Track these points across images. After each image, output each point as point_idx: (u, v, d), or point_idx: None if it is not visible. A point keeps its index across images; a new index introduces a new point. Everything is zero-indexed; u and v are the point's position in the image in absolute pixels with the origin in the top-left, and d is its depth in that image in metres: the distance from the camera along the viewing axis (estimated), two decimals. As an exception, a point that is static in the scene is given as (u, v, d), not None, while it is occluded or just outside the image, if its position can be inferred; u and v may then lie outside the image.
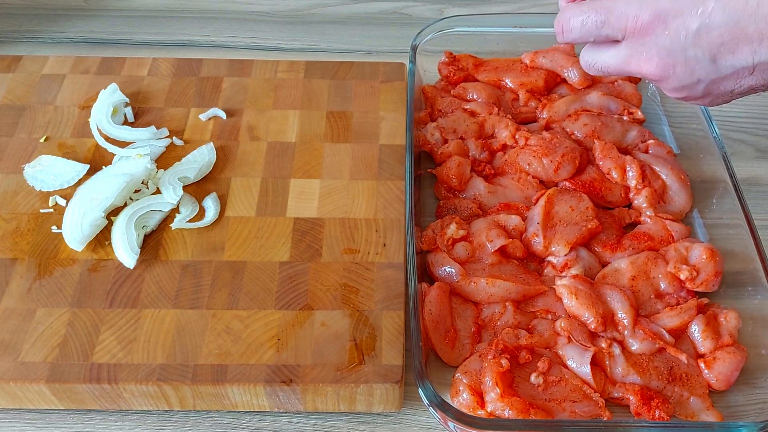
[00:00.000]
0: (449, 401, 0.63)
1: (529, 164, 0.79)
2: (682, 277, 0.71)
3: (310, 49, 1.03)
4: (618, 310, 0.69)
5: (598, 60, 0.59)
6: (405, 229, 0.73)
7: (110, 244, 0.72)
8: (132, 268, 0.70)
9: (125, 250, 0.70)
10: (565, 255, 0.72)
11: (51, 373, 0.63)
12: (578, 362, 0.65)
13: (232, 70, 0.90)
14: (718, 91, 0.55)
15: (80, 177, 0.77)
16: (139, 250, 0.71)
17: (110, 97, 0.83)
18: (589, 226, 0.74)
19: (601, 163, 0.80)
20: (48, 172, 0.77)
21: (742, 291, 0.71)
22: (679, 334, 0.69)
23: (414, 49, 0.87)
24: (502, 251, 0.73)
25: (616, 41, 0.56)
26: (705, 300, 0.70)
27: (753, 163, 0.88)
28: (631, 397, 0.64)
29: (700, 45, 0.51)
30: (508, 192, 0.78)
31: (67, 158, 0.79)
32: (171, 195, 0.74)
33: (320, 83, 0.89)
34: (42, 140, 0.81)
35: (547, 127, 0.84)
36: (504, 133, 0.82)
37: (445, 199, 0.79)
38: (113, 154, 0.80)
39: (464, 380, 0.64)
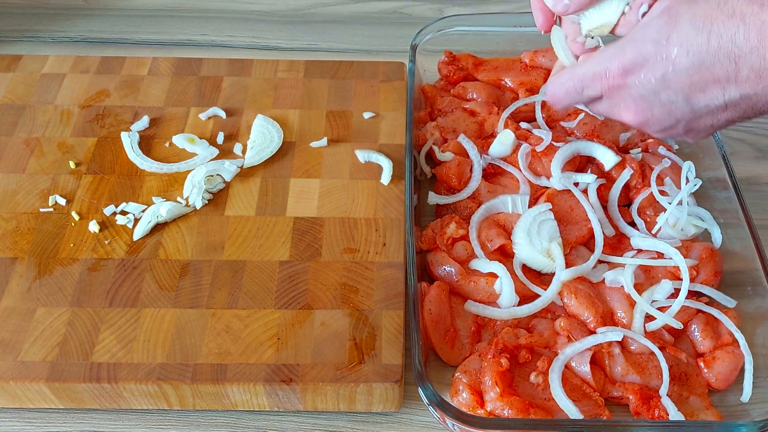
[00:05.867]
0: (449, 400, 0.63)
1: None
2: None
3: (310, 48, 1.03)
4: (617, 309, 0.69)
5: (588, 110, 0.63)
6: (405, 229, 0.73)
7: (110, 243, 0.72)
8: (199, 207, 0.75)
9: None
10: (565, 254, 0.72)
11: (51, 373, 0.63)
12: (578, 361, 0.65)
13: (232, 70, 0.90)
14: (699, 128, 0.57)
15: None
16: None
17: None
18: (589, 226, 0.75)
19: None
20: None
21: (741, 291, 0.71)
22: (679, 334, 0.69)
23: (414, 48, 0.87)
24: (501, 250, 0.73)
25: (599, 97, 0.60)
26: (705, 299, 0.70)
27: (752, 162, 0.88)
28: (631, 397, 0.64)
29: (671, 87, 0.54)
30: (508, 192, 0.78)
31: (66, 158, 0.79)
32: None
33: (320, 83, 0.89)
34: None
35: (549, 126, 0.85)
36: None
37: (445, 199, 0.80)
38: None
39: (464, 379, 0.64)
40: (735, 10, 0.49)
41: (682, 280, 0.70)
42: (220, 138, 0.82)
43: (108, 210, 0.75)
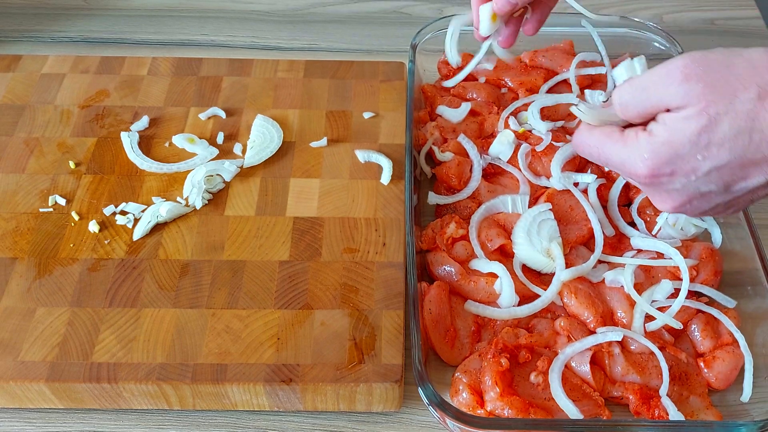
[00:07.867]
0: (449, 400, 0.63)
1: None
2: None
3: (310, 48, 1.03)
4: (617, 309, 0.69)
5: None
6: (405, 229, 0.73)
7: (110, 243, 0.72)
8: (199, 207, 0.75)
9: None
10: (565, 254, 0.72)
11: (51, 373, 0.63)
12: (578, 361, 0.65)
13: (231, 70, 0.90)
14: (738, 205, 0.57)
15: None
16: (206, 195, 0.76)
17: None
18: (589, 226, 0.74)
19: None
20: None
21: (741, 291, 0.71)
22: (679, 334, 0.69)
23: (414, 48, 0.87)
24: (501, 250, 0.73)
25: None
26: (705, 299, 0.70)
27: (753, 162, 0.88)
28: (631, 396, 0.64)
29: (712, 181, 0.54)
30: (508, 192, 0.78)
31: (66, 158, 0.79)
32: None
33: (320, 82, 0.89)
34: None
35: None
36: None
37: (445, 199, 0.79)
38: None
39: (464, 379, 0.64)
40: None
41: (682, 280, 0.70)
42: (220, 138, 0.82)
43: (108, 210, 0.75)
